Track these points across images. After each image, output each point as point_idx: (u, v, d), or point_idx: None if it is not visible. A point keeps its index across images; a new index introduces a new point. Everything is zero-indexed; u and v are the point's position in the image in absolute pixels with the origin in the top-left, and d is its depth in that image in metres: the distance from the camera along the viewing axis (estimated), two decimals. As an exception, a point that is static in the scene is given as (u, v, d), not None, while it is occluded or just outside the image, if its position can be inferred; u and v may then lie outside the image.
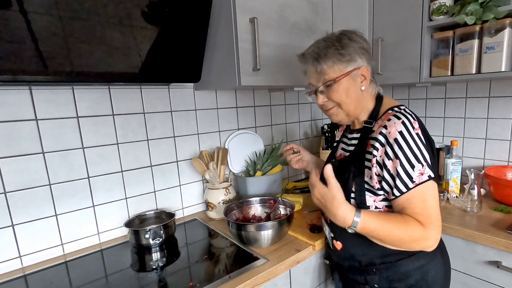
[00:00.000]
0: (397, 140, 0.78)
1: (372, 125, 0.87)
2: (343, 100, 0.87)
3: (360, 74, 0.86)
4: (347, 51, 0.84)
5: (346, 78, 0.85)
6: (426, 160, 0.79)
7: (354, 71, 0.85)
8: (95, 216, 1.17)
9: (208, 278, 0.92)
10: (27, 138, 1.01)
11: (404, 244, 0.80)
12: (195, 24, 1.09)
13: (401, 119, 0.80)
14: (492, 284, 1.12)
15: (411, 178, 0.78)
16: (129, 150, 1.23)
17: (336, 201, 0.80)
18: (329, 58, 0.85)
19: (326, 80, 0.87)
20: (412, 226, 0.77)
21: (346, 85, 0.86)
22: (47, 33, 0.81)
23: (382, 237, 0.80)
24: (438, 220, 0.79)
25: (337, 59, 0.84)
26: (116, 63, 0.96)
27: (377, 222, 0.79)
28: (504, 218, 1.21)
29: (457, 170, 1.43)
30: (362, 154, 0.86)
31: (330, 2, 1.40)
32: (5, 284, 0.95)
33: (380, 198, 0.85)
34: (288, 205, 1.19)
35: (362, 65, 0.86)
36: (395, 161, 0.79)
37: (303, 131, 1.91)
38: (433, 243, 0.79)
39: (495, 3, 1.17)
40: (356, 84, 0.87)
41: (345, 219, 0.79)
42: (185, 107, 1.37)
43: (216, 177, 1.34)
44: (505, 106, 1.50)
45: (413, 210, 0.78)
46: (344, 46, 0.84)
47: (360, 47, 0.85)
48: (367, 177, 0.85)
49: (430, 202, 0.78)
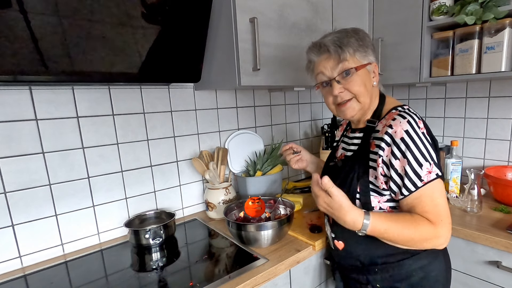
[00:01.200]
0: (403, 139, 0.78)
1: (375, 124, 0.87)
2: (361, 91, 0.85)
3: (372, 70, 0.88)
4: (365, 43, 0.86)
5: (363, 70, 0.85)
6: (433, 158, 0.79)
7: (369, 65, 0.86)
8: (95, 216, 1.17)
9: (208, 278, 0.92)
10: (27, 138, 1.01)
11: (416, 243, 0.80)
12: (195, 24, 1.09)
13: (407, 119, 0.80)
14: (492, 284, 1.12)
15: (419, 177, 0.77)
16: (129, 150, 1.23)
17: (343, 208, 0.78)
18: (351, 46, 0.84)
19: (347, 68, 0.83)
20: (422, 225, 0.77)
21: (364, 77, 0.86)
22: (47, 33, 0.81)
23: (393, 238, 0.79)
24: (447, 217, 0.79)
25: (357, 49, 0.84)
26: (116, 63, 0.96)
27: (387, 224, 0.78)
28: (504, 218, 1.21)
29: (457, 170, 1.43)
30: (367, 154, 0.86)
31: (330, 2, 1.40)
32: (5, 284, 0.95)
33: (384, 198, 0.85)
34: (288, 205, 1.19)
35: (374, 61, 0.87)
36: (402, 161, 0.78)
37: (303, 131, 1.91)
38: (444, 241, 0.80)
39: (495, 3, 1.17)
40: (370, 78, 0.87)
41: (355, 223, 0.78)
42: (185, 107, 1.37)
43: (216, 177, 1.34)
44: (505, 106, 1.50)
45: (423, 209, 0.78)
46: (362, 39, 0.86)
47: (372, 44, 0.88)
48: (372, 177, 0.84)
49: (439, 200, 0.78)
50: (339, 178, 0.90)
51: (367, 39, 0.87)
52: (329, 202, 0.79)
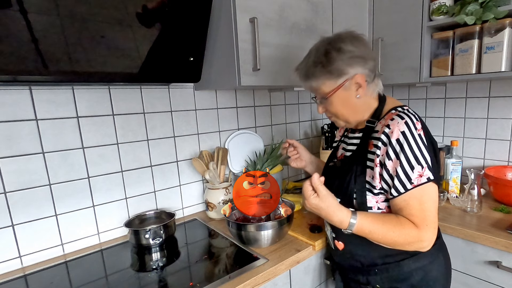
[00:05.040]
0: (399, 140, 0.78)
1: (374, 125, 0.87)
2: (339, 111, 0.88)
3: (354, 83, 0.84)
4: (335, 66, 0.82)
5: (339, 91, 0.84)
6: (427, 161, 0.78)
7: (347, 82, 0.83)
8: (95, 216, 1.17)
9: (208, 278, 0.92)
10: (27, 138, 1.01)
11: (399, 246, 0.81)
12: (195, 24, 1.09)
13: (404, 119, 0.80)
14: (492, 284, 1.12)
15: (409, 179, 0.78)
16: (129, 150, 1.23)
17: (330, 208, 0.80)
18: (317, 76, 0.85)
19: (320, 94, 0.88)
20: (406, 229, 0.78)
21: (341, 97, 0.85)
22: (47, 33, 0.81)
23: (377, 239, 0.82)
24: (433, 222, 0.79)
25: (325, 77, 0.84)
26: (116, 63, 0.96)
27: (372, 225, 0.80)
28: (504, 218, 1.21)
29: (457, 170, 1.43)
30: (365, 154, 0.86)
31: (330, 2, 1.40)
32: (5, 284, 0.95)
33: (382, 198, 0.86)
34: (288, 205, 1.19)
35: (356, 73, 0.82)
36: (395, 162, 0.79)
37: (303, 131, 1.91)
38: (427, 245, 0.81)
39: (495, 3, 1.17)
40: (350, 93, 0.85)
41: (342, 223, 0.81)
42: (185, 107, 1.37)
43: (216, 177, 1.34)
44: (505, 106, 1.50)
45: (409, 212, 0.79)
46: (331, 62, 0.82)
47: (351, 57, 0.81)
48: (369, 177, 0.85)
49: (427, 204, 0.78)
50: (337, 178, 0.91)
51: (342, 57, 0.81)
52: (317, 202, 0.81)
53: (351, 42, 0.83)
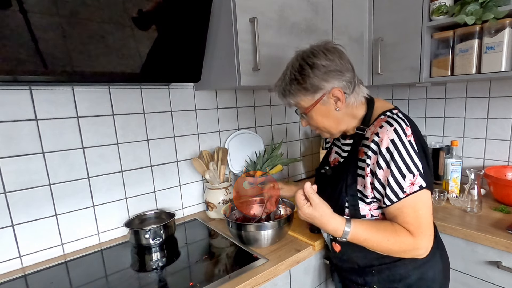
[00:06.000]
0: (388, 149, 0.78)
1: (364, 131, 0.86)
2: (319, 124, 0.89)
3: (332, 97, 0.83)
4: (310, 82, 0.81)
5: (317, 106, 0.84)
6: (419, 169, 0.77)
7: (324, 96, 0.82)
8: (95, 216, 1.17)
9: (208, 278, 0.92)
10: (27, 138, 1.01)
11: (395, 253, 0.82)
12: (195, 24, 1.09)
13: (393, 126, 0.78)
14: (492, 284, 1.12)
15: (402, 188, 0.77)
16: (129, 150, 1.23)
17: (324, 217, 0.80)
18: (293, 94, 0.85)
19: (300, 110, 0.89)
20: (402, 237, 0.78)
21: (320, 111, 0.85)
22: (47, 33, 0.81)
23: (372, 247, 0.82)
24: (429, 229, 0.79)
25: (302, 93, 0.84)
26: (116, 63, 0.96)
27: (367, 233, 0.80)
28: (504, 218, 1.21)
29: (457, 170, 1.43)
30: (355, 162, 0.85)
31: (330, 2, 1.40)
32: (5, 284, 0.95)
33: (375, 206, 0.86)
34: (288, 205, 1.19)
35: (332, 87, 0.81)
36: (386, 171, 0.78)
37: (303, 131, 1.91)
38: (424, 252, 0.80)
39: (495, 3, 1.17)
40: (329, 107, 0.84)
41: (336, 231, 0.81)
42: (185, 107, 1.37)
43: (216, 177, 1.34)
44: (505, 106, 1.50)
45: (404, 220, 0.79)
46: (305, 78, 0.81)
47: (326, 72, 0.80)
48: (361, 186, 0.84)
49: (421, 211, 0.78)
50: (329, 186, 0.91)
51: (316, 73, 0.80)
52: (308, 214, 0.81)
53: (325, 56, 0.81)
